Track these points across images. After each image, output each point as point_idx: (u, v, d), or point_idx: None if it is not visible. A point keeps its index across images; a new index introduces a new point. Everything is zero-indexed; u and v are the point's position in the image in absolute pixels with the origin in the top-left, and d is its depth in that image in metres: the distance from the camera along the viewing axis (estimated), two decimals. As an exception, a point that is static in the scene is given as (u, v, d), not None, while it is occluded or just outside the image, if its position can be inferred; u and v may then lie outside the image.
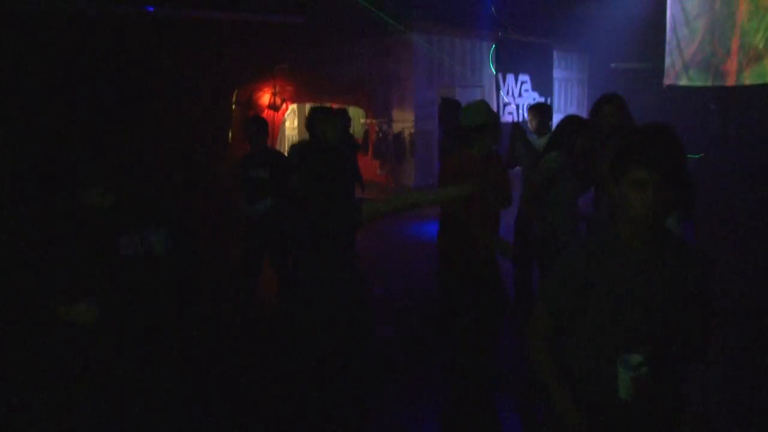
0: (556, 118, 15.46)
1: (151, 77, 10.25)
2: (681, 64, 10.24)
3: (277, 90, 12.24)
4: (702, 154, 5.31)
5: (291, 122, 15.11)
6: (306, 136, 4.78)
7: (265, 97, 13.17)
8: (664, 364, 1.86)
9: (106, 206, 2.52)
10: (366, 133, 12.81)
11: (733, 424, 3.61)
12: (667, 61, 10.43)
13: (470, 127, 3.75)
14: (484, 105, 3.86)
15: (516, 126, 5.36)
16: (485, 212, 3.80)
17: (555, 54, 15.14)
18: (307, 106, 16.78)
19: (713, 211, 8.15)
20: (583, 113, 15.31)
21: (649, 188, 1.79)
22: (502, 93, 13.56)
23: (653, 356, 1.81)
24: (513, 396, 3.99)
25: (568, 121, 4.28)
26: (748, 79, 9.48)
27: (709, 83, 10.05)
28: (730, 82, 9.67)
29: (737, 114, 10.49)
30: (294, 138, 14.87)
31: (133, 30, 9.59)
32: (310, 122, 4.53)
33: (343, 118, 7.08)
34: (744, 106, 10.36)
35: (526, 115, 6.16)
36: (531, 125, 5.70)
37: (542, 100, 14.37)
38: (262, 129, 5.06)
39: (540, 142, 5.54)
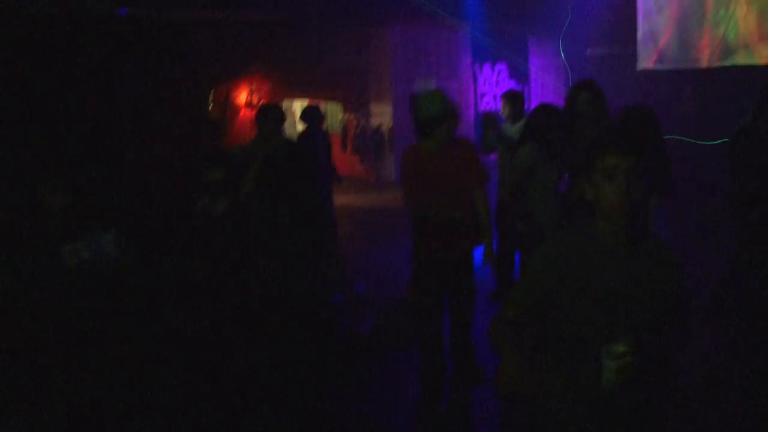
0: (534, 105, 15.52)
1: (125, 80, 10.14)
2: (654, 50, 10.29)
3: (254, 88, 12.16)
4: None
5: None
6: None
7: (242, 96, 13.09)
8: (648, 356, 1.84)
9: (56, 208, 2.45)
10: (344, 128, 12.78)
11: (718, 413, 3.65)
12: (640, 47, 10.49)
13: (426, 117, 3.63)
14: (438, 94, 3.74)
15: (487, 115, 5.38)
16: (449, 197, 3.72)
17: (531, 41, 15.15)
18: (286, 103, 16.70)
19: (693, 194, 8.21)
20: (560, 99, 15.32)
21: (620, 176, 1.76)
22: (479, 82, 13.59)
23: (636, 347, 1.78)
24: (490, 389, 4.01)
25: (541, 110, 4.30)
26: (725, 62, 9.55)
27: (684, 66, 10.12)
28: (705, 64, 9.75)
29: (713, 96, 10.54)
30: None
31: (105, 32, 9.47)
32: (256, 119, 4.61)
33: (316, 113, 7.09)
34: (719, 88, 10.42)
35: None
36: (504, 113, 5.72)
37: (520, 88, 14.40)
38: (215, 132, 5.07)
39: (513, 129, 5.57)
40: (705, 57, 9.70)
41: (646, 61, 10.49)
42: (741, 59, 9.42)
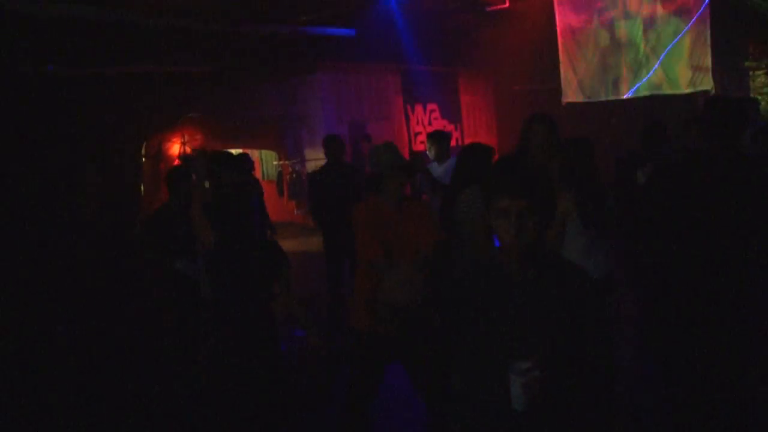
0: (468, 142, 15.75)
1: (53, 138, 9.82)
2: (576, 83, 10.66)
3: (186, 139, 11.94)
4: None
5: (203, 171, 14.75)
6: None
7: (175, 148, 12.85)
8: (558, 373, 1.83)
9: None
10: (279, 175, 12.65)
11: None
12: (563, 81, 10.85)
13: (375, 171, 3.53)
14: (388, 147, 3.61)
15: (414, 157, 5.34)
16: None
17: (460, 80, 15.48)
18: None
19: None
20: (493, 136, 15.68)
21: (512, 216, 1.80)
22: (411, 123, 13.73)
23: (543, 363, 1.78)
24: None
25: (473, 151, 4.27)
26: (641, 92, 9.98)
27: (603, 98, 10.51)
28: (623, 96, 10.16)
29: (636, 124, 10.96)
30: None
31: (32, 89, 9.17)
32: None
33: (245, 161, 7.01)
34: (643, 116, 10.84)
35: None
36: (430, 153, 5.73)
37: (452, 126, 14.63)
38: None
39: (440, 169, 5.57)
40: (623, 89, 10.11)
41: (569, 95, 10.84)
42: (658, 89, 9.86)
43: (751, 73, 11.74)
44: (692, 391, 2.98)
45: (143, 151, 13.01)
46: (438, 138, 5.78)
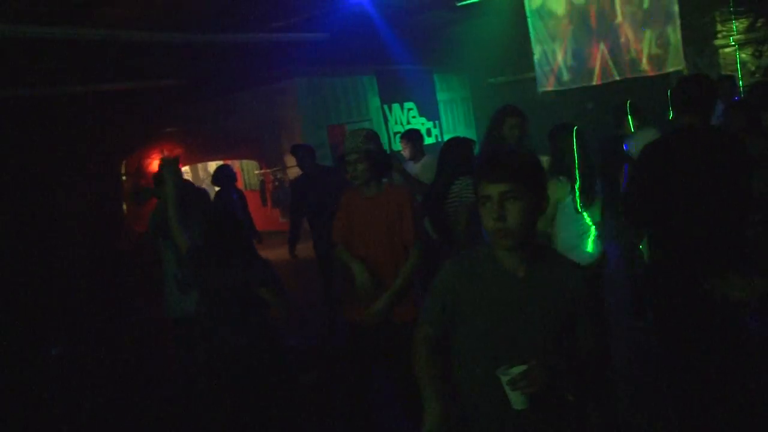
0: (448, 138, 15.80)
1: (33, 160, 9.73)
2: (551, 72, 10.74)
3: (165, 154, 11.86)
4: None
5: (185, 185, 14.68)
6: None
7: (155, 164, 12.77)
8: (553, 372, 1.83)
9: None
10: (262, 184, 12.61)
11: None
12: (538, 71, 10.92)
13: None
14: (350, 134, 3.55)
15: (390, 156, 5.34)
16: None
17: (436, 77, 15.53)
18: (200, 167, 16.39)
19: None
20: (471, 130, 15.74)
21: (494, 201, 1.80)
22: (390, 123, 13.75)
23: (534, 365, 1.78)
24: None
25: (453, 145, 4.31)
26: (615, 77, 10.09)
27: (579, 84, 10.59)
28: (598, 81, 10.25)
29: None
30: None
31: (9, 112, 9.09)
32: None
33: (227, 172, 6.99)
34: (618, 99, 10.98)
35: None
36: (405, 153, 5.76)
37: (430, 124, 14.68)
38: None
39: (417, 167, 5.59)
40: (597, 74, 10.20)
41: (544, 84, 10.91)
42: (630, 73, 9.97)
43: (719, 51, 11.92)
44: (697, 362, 3.06)
45: (123, 169, 12.92)
46: (411, 137, 5.82)
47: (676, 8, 9.37)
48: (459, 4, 11.03)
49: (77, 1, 6.43)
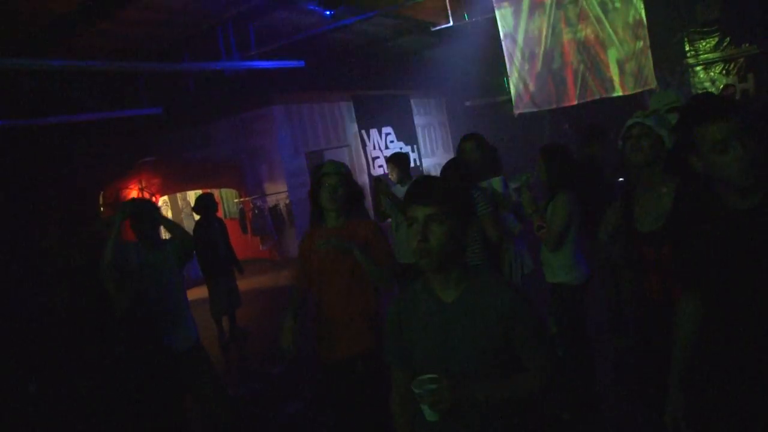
0: (426, 162, 15.84)
1: (9, 192, 9.59)
2: (526, 93, 10.86)
3: (143, 185, 11.73)
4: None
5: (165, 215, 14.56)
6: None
7: (133, 194, 12.62)
8: (469, 391, 1.86)
9: None
10: (242, 212, 12.53)
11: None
12: (513, 92, 11.03)
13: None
14: (330, 163, 3.39)
15: (378, 180, 5.31)
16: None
17: (413, 102, 15.64)
18: (179, 196, 16.26)
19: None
20: (449, 153, 15.85)
21: (419, 223, 1.86)
22: (368, 148, 13.80)
23: (447, 382, 1.83)
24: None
25: (456, 167, 4.33)
26: (589, 97, 10.24)
27: (554, 106, 10.72)
28: (572, 102, 10.39)
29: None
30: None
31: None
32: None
33: (208, 201, 6.91)
34: (592, 119, 11.15)
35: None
36: (392, 176, 5.74)
37: (408, 148, 14.74)
38: None
39: (403, 191, 5.57)
40: (572, 95, 10.34)
41: (520, 106, 11.02)
42: (605, 93, 10.13)
43: (690, 70, 12.19)
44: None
45: (101, 200, 12.77)
46: (398, 160, 5.79)
47: (645, 30, 9.57)
48: (434, 29, 11.16)
49: (52, 30, 6.39)
